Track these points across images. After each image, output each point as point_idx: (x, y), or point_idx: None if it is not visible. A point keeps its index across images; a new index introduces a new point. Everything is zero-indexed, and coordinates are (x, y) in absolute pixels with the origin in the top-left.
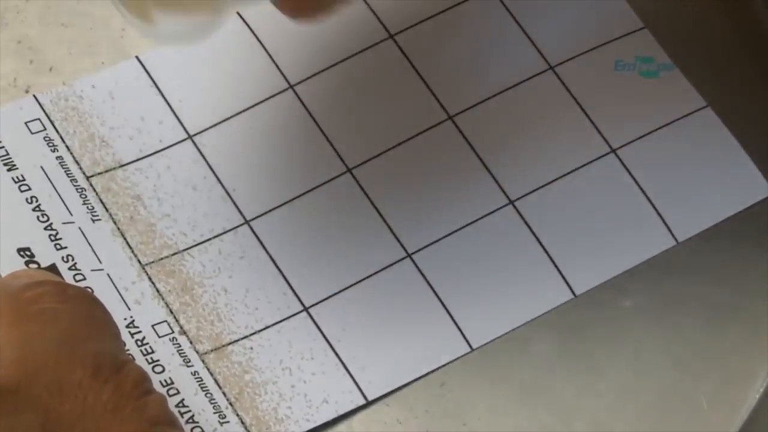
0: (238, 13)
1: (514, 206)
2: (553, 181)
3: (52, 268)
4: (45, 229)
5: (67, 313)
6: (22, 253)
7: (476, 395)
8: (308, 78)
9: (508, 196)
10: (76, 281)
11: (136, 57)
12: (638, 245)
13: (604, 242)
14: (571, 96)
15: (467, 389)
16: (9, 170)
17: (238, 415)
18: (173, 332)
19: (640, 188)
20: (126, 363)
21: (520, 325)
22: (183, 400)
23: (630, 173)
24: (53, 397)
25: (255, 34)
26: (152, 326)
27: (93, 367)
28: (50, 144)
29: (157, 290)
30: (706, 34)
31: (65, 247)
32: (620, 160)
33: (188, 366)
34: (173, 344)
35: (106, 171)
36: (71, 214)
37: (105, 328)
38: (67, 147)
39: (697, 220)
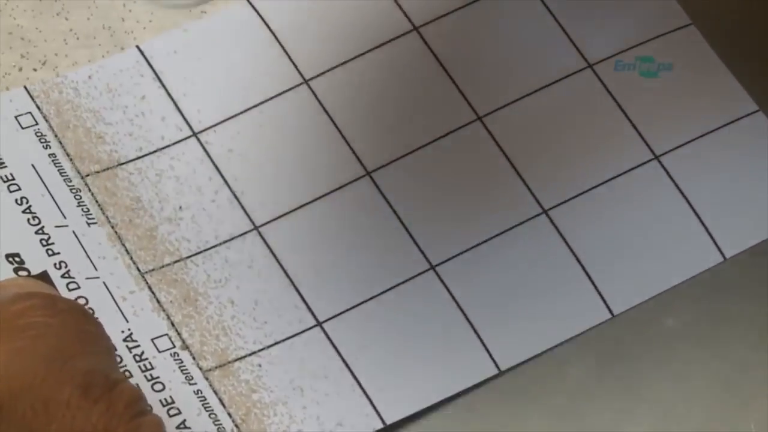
0: (248, 1)
1: (548, 216)
2: (590, 189)
3: (44, 276)
4: (36, 233)
5: (57, 327)
6: (10, 259)
7: (506, 421)
8: (324, 72)
9: (541, 205)
10: (70, 290)
11: (137, 47)
12: (682, 261)
13: (645, 257)
14: (611, 96)
15: (496, 415)
16: None
17: None
18: (175, 347)
19: (686, 199)
20: (119, 382)
21: (553, 346)
22: (185, 421)
23: (674, 182)
24: (38, 417)
25: (266, 23)
26: (152, 340)
27: (83, 386)
28: (42, 140)
29: (158, 301)
30: (756, 33)
31: (58, 253)
32: (664, 167)
33: (191, 384)
34: (174, 360)
35: (103, 170)
36: (65, 217)
37: (97, 343)
38: (60, 143)
39: (747, 234)
